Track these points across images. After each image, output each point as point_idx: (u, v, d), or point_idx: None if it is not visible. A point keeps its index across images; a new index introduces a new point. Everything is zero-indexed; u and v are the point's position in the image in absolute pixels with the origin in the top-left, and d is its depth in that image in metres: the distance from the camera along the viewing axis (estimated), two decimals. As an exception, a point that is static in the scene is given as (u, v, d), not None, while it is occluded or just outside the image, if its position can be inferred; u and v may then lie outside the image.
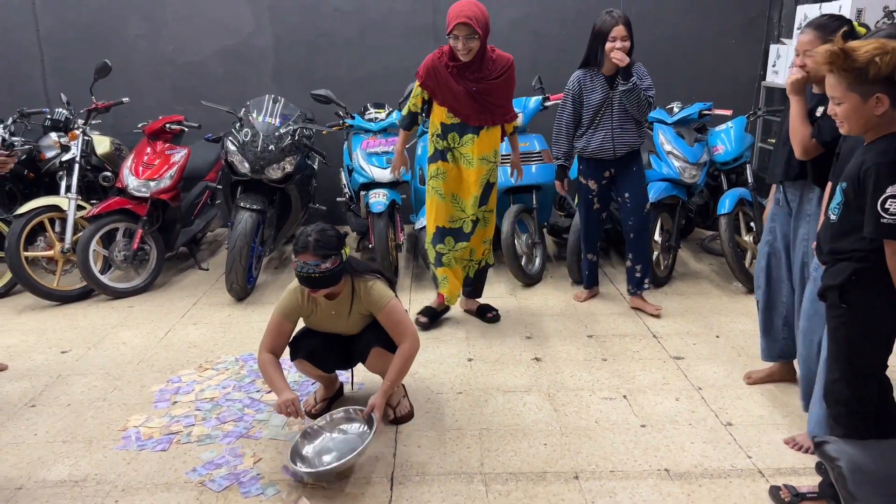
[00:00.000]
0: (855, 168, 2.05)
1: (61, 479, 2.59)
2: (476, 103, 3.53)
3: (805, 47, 2.66)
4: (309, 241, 2.57)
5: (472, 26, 3.32)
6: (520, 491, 2.48)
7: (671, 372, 3.38)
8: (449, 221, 3.75)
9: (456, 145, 3.63)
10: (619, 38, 3.68)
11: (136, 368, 3.50)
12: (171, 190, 4.61)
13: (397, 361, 2.71)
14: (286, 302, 2.78)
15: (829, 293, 2.17)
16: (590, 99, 3.87)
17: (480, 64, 3.48)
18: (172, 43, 5.86)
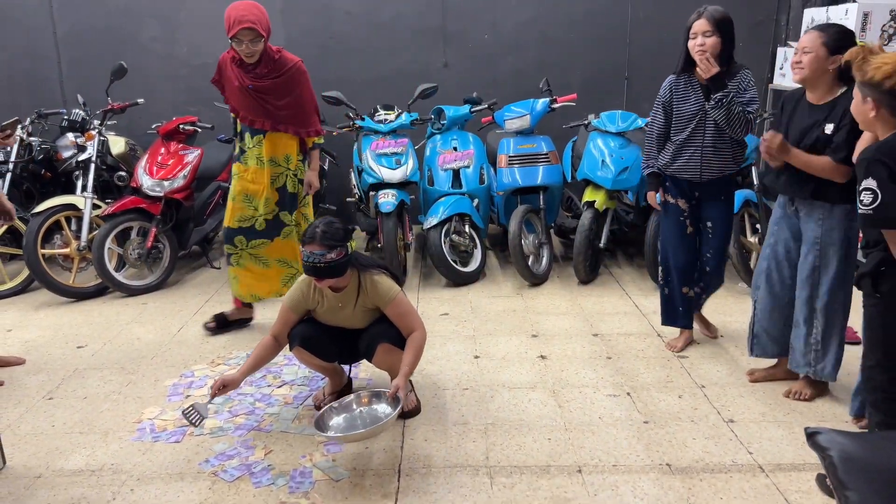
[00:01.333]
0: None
1: (78, 468, 2.67)
2: (253, 101, 3.52)
3: (805, 44, 2.75)
4: (316, 231, 2.67)
5: (257, 30, 3.33)
6: (524, 483, 2.54)
7: (675, 370, 3.43)
8: (237, 221, 3.71)
9: (251, 145, 3.64)
10: (701, 33, 3.17)
11: (150, 363, 3.58)
12: (185, 189, 4.70)
13: (411, 349, 2.80)
14: (293, 293, 2.89)
15: (864, 281, 2.27)
16: (681, 108, 3.37)
17: (259, 63, 3.47)
18: (186, 45, 5.96)
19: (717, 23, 3.13)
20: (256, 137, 3.63)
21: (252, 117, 3.58)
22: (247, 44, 3.36)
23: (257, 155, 3.64)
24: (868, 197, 2.08)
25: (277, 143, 3.65)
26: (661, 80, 6.15)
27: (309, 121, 3.72)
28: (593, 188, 4.66)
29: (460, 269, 4.66)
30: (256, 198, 3.68)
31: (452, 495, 2.48)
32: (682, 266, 3.56)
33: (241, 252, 3.77)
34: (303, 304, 2.89)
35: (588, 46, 5.99)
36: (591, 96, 5.70)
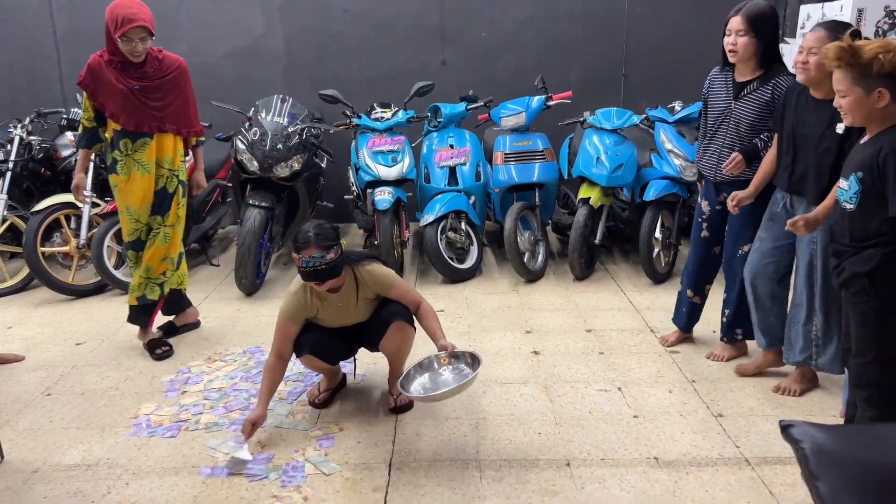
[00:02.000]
0: (869, 157, 2.18)
1: (75, 462, 2.72)
2: (137, 104, 3.37)
3: (812, 44, 2.73)
4: (309, 236, 2.68)
5: (148, 28, 3.25)
6: (512, 476, 2.57)
7: (666, 365, 3.46)
8: (128, 235, 3.59)
9: (129, 152, 3.44)
10: (734, 32, 3.07)
11: (147, 360, 3.62)
12: (183, 188, 4.73)
13: (430, 317, 2.92)
14: (290, 305, 2.85)
15: (857, 280, 2.26)
16: (713, 102, 3.29)
17: (144, 63, 3.37)
18: (185, 44, 5.98)
19: (752, 21, 3.01)
20: (140, 141, 3.44)
21: (137, 120, 3.40)
22: (137, 42, 3.25)
23: (140, 160, 3.46)
24: None
25: (163, 144, 3.51)
26: (658, 78, 6.21)
27: (193, 120, 3.62)
28: (588, 185, 4.69)
29: (457, 265, 4.69)
30: (139, 209, 3.53)
31: (442, 489, 2.51)
32: (689, 268, 3.57)
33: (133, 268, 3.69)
34: (302, 314, 2.88)
35: (585, 44, 6.01)
36: (588, 93, 5.72)
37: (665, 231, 4.63)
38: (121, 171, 3.48)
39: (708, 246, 3.47)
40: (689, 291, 3.60)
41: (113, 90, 3.35)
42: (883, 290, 2.22)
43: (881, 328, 2.26)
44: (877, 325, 2.26)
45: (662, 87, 5.92)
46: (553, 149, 5.01)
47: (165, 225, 3.62)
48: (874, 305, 2.25)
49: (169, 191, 3.58)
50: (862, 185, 2.20)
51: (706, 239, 3.47)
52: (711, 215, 3.41)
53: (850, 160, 2.32)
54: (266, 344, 3.76)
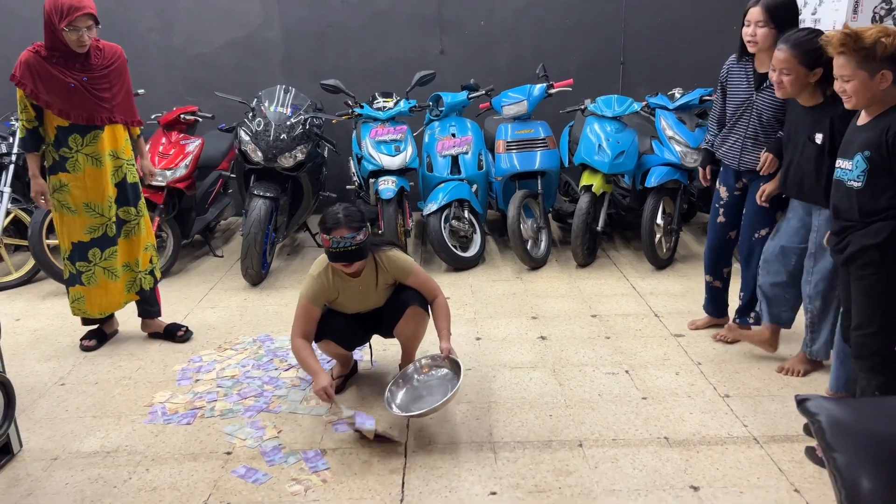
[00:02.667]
0: (876, 136, 2.27)
1: (94, 450, 2.75)
2: (86, 97, 3.27)
3: (781, 65, 2.78)
4: (339, 217, 2.73)
5: (95, 16, 3.17)
6: (527, 457, 2.63)
7: (672, 348, 3.52)
8: (87, 233, 3.44)
9: (80, 147, 3.33)
10: (754, 23, 3.07)
11: (158, 349, 3.66)
12: (187, 179, 4.76)
13: (443, 313, 2.95)
14: (313, 287, 2.87)
15: (867, 253, 2.33)
16: (733, 92, 3.31)
17: (88, 54, 3.27)
18: (184, 36, 6.00)
19: (771, 11, 3.01)
20: (90, 134, 3.33)
21: (89, 114, 3.29)
22: (84, 32, 3.15)
23: (92, 153, 3.35)
24: None
25: (115, 136, 3.42)
26: (656, 65, 6.25)
27: (135, 109, 3.54)
28: (590, 172, 4.73)
29: (460, 254, 4.73)
30: (100, 202, 3.42)
31: (458, 469, 2.56)
32: (707, 253, 3.62)
33: (95, 267, 3.50)
34: (324, 297, 2.91)
35: (584, 32, 6.04)
36: (587, 82, 5.75)
37: (666, 217, 4.68)
38: (71, 168, 3.35)
39: (724, 231, 3.51)
40: (708, 277, 3.65)
41: (60, 86, 3.22)
42: (891, 260, 2.30)
43: (885, 299, 2.34)
44: (882, 296, 2.35)
45: (660, 75, 5.97)
46: (554, 137, 5.05)
47: (140, 214, 3.61)
48: (882, 277, 2.33)
49: (129, 181, 3.52)
50: (870, 164, 2.28)
51: (722, 224, 3.50)
52: (729, 201, 3.44)
53: (852, 141, 2.38)
54: (275, 332, 3.81)
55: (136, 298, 3.70)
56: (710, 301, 3.71)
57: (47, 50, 3.23)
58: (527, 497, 2.41)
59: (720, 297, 3.68)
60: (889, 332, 2.38)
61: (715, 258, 3.60)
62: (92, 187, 3.42)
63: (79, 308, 3.58)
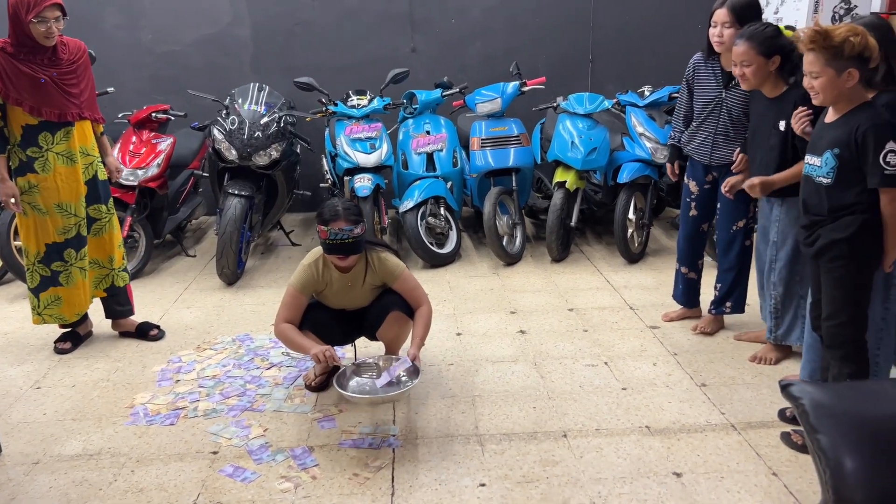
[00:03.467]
0: (845, 134, 2.33)
1: (76, 453, 2.71)
2: (55, 92, 3.20)
3: (741, 58, 2.89)
4: (338, 209, 2.77)
5: (63, 7, 3.12)
6: (513, 449, 2.67)
7: (648, 340, 3.60)
8: (60, 234, 3.37)
9: (50, 146, 3.26)
10: (721, 24, 3.15)
11: (135, 350, 3.61)
12: (159, 178, 4.70)
13: (421, 322, 2.92)
14: (303, 276, 2.90)
15: (836, 246, 2.40)
16: (701, 90, 3.39)
17: (54, 48, 3.20)
18: (151, 33, 5.91)
19: (737, 13, 3.09)
20: (62, 132, 3.28)
21: (60, 110, 3.23)
22: (52, 24, 3.08)
23: (63, 152, 3.29)
24: (893, 158, 2.24)
25: (84, 132, 3.38)
26: (624, 62, 6.36)
27: (97, 106, 3.48)
28: (563, 169, 4.80)
29: (437, 250, 4.76)
30: (72, 202, 3.36)
31: (447, 462, 2.59)
32: (680, 245, 3.70)
33: (71, 268, 3.44)
34: (312, 286, 2.93)
35: (553, 30, 6.11)
36: (557, 79, 5.82)
37: (638, 212, 4.77)
38: (40, 168, 3.27)
39: (696, 224, 3.60)
40: (683, 268, 3.73)
41: (30, 82, 3.15)
42: (858, 254, 2.39)
43: (855, 290, 2.43)
44: (852, 287, 2.43)
45: (628, 72, 6.08)
46: (527, 134, 5.10)
47: (111, 212, 3.57)
48: (851, 269, 2.41)
49: (100, 178, 3.49)
50: (839, 161, 2.35)
51: (694, 217, 3.59)
52: (700, 195, 3.52)
53: (820, 137, 2.45)
54: (254, 331, 3.80)
55: (102, 295, 3.65)
56: (684, 292, 3.79)
57: (13, 46, 3.16)
58: (515, 487, 2.45)
59: (694, 287, 3.77)
60: (859, 322, 2.47)
61: (689, 250, 3.68)
62: (65, 187, 3.36)
63: (51, 315, 3.51)
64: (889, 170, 2.25)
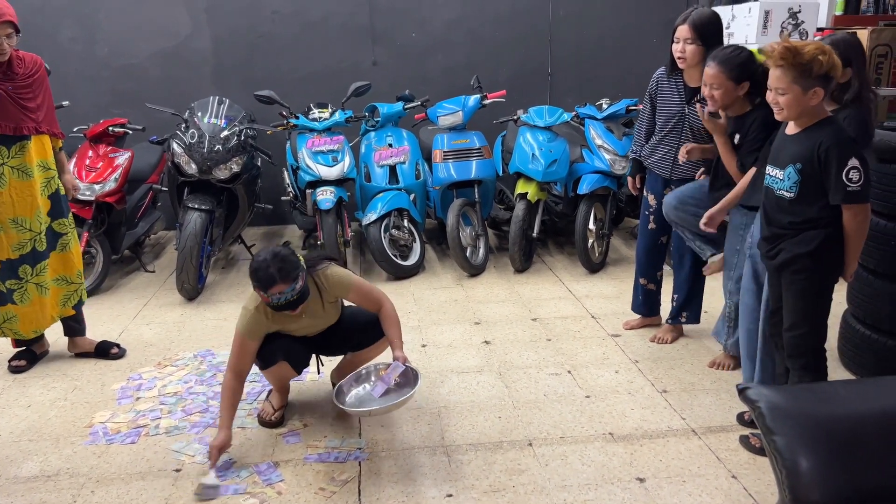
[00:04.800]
0: (808, 150, 2.36)
1: (33, 474, 2.65)
2: (11, 106, 3.17)
3: (711, 80, 2.95)
4: (272, 273, 2.56)
5: (16, 24, 3.10)
6: (479, 459, 2.68)
7: (610, 348, 3.65)
8: (15, 250, 3.31)
9: (5, 160, 3.21)
10: (682, 40, 3.20)
11: (93, 368, 3.54)
12: (117, 193, 4.62)
13: (391, 323, 2.87)
14: (250, 323, 2.73)
15: (799, 260, 2.45)
16: (663, 105, 3.44)
17: (9, 62, 3.18)
18: (108, 46, 5.83)
19: (698, 29, 3.15)
20: (17, 146, 3.23)
21: (16, 123, 3.19)
22: (3, 40, 3.07)
23: (18, 166, 3.24)
24: (856, 174, 2.29)
25: (42, 146, 3.34)
26: (582, 76, 6.46)
27: (56, 121, 3.44)
28: (525, 181, 4.85)
29: (401, 262, 4.77)
30: (27, 217, 3.30)
31: (413, 474, 2.60)
32: (640, 257, 3.76)
33: (26, 284, 3.36)
34: (262, 331, 2.77)
35: (513, 44, 6.19)
36: (517, 92, 5.89)
37: (598, 223, 4.85)
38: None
39: (655, 236, 3.66)
40: (642, 280, 3.79)
41: None
42: (821, 267, 2.44)
43: (817, 301, 2.49)
44: (813, 298, 2.49)
45: (586, 85, 6.20)
46: (488, 146, 5.15)
47: (71, 226, 3.52)
48: (813, 282, 2.46)
49: (61, 192, 3.44)
50: (801, 176, 2.38)
51: (653, 230, 3.64)
52: (658, 208, 3.54)
53: (782, 151, 2.48)
54: (216, 347, 3.75)
55: (71, 313, 3.58)
56: (643, 302, 3.86)
57: None
58: (482, 497, 2.47)
59: (653, 298, 3.85)
60: (820, 332, 2.53)
61: (648, 262, 3.75)
62: (19, 201, 3.28)
63: (10, 329, 3.42)
64: (851, 186, 2.29)
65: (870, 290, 3.15)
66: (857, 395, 1.84)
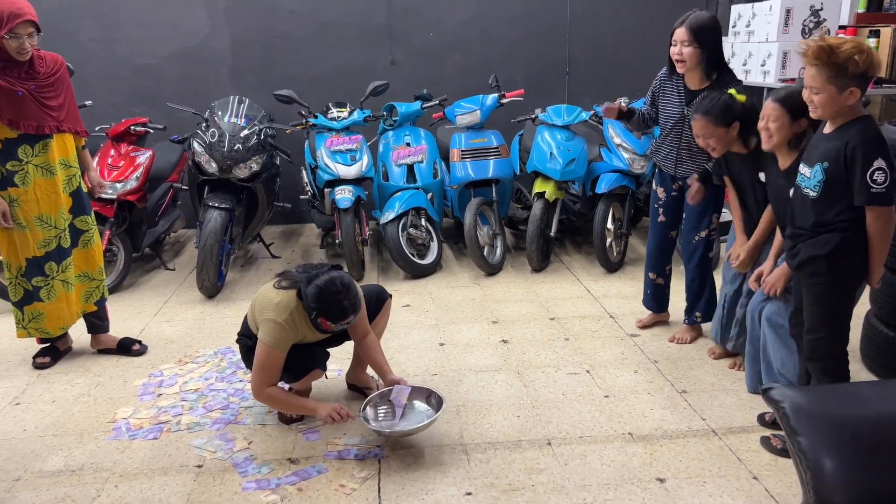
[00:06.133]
0: (836, 149, 2.33)
1: (58, 469, 2.68)
2: (33, 106, 3.21)
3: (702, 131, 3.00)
4: (346, 306, 2.60)
5: (36, 23, 3.14)
6: (498, 458, 2.69)
7: (629, 348, 3.64)
8: (40, 247, 3.36)
9: (30, 158, 3.26)
10: (680, 42, 3.23)
11: (116, 365, 3.58)
12: (138, 191, 4.67)
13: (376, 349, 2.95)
14: (281, 335, 2.68)
15: (814, 262, 2.43)
16: (665, 106, 3.49)
17: (30, 62, 3.22)
18: (128, 46, 5.88)
19: (695, 32, 3.17)
20: (39, 145, 3.27)
21: (38, 122, 3.23)
22: (25, 39, 3.09)
23: (42, 164, 3.29)
24: (881, 176, 2.25)
25: (64, 144, 3.38)
26: (599, 74, 6.45)
27: (80, 119, 3.48)
28: (543, 180, 4.85)
29: (418, 261, 4.78)
30: (52, 214, 3.35)
31: (433, 472, 2.61)
32: (650, 251, 3.77)
33: (52, 281, 3.42)
34: (290, 342, 2.74)
35: (529, 43, 6.18)
36: (533, 91, 5.88)
37: (616, 222, 4.84)
38: (20, 182, 3.25)
39: (665, 230, 3.67)
40: (651, 274, 3.80)
41: (7, 95, 3.15)
42: (837, 271, 2.41)
43: (835, 306, 2.47)
44: (831, 303, 2.46)
45: (604, 84, 6.17)
46: (506, 145, 5.15)
47: (93, 223, 3.57)
48: (830, 286, 2.44)
49: (83, 189, 3.50)
50: (827, 175, 2.35)
51: (663, 224, 3.66)
52: (667, 201, 3.61)
53: (815, 149, 2.45)
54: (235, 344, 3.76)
55: (93, 309, 3.63)
56: (652, 297, 3.86)
57: None
58: (501, 496, 2.47)
59: (662, 292, 3.85)
60: (839, 336, 2.50)
61: (657, 256, 3.75)
62: (44, 199, 3.34)
63: (36, 328, 3.47)
64: (875, 188, 2.25)
65: (892, 290, 3.12)
66: (882, 396, 1.82)
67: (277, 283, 2.75)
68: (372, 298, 3.04)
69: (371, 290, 3.07)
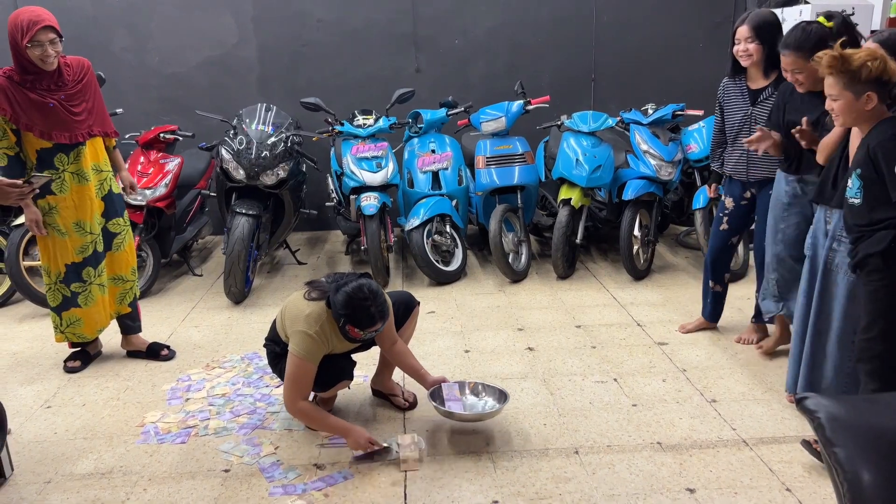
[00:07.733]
0: (862, 154, 2.37)
1: (88, 472, 2.71)
2: (64, 115, 3.25)
3: (791, 66, 2.91)
4: (373, 313, 2.59)
5: (57, 29, 3.14)
6: (525, 466, 2.67)
7: (657, 356, 3.60)
8: (78, 253, 3.42)
9: (65, 166, 3.32)
10: (743, 39, 3.29)
11: (144, 369, 3.62)
12: (167, 198, 4.72)
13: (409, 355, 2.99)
14: (312, 347, 2.67)
15: (871, 259, 2.40)
16: (730, 111, 3.52)
17: (58, 71, 3.24)
18: (158, 55, 5.97)
19: (757, 29, 3.24)
20: (74, 153, 3.32)
21: (70, 132, 3.28)
22: (47, 46, 3.11)
23: (76, 171, 3.34)
24: None
25: (95, 149, 3.43)
26: (625, 81, 6.42)
27: (109, 120, 3.52)
28: (568, 186, 4.82)
29: (443, 268, 4.78)
30: (87, 220, 3.41)
31: (459, 480, 2.59)
32: (709, 260, 3.75)
33: (90, 286, 3.48)
34: (322, 353, 2.74)
35: (555, 50, 6.17)
36: (559, 97, 5.87)
37: (643, 229, 4.79)
38: (58, 189, 3.31)
39: (726, 237, 3.67)
40: (710, 282, 3.78)
41: (38, 108, 3.20)
42: (893, 267, 2.37)
43: (889, 305, 2.41)
44: (886, 301, 2.41)
45: (630, 90, 6.14)
46: (531, 152, 5.14)
47: (127, 224, 3.63)
48: (886, 283, 2.39)
49: (115, 191, 3.55)
50: (862, 181, 2.37)
51: (725, 231, 3.65)
52: (734, 211, 3.59)
53: (852, 159, 2.47)
54: (262, 350, 3.78)
55: (127, 311, 3.68)
56: (712, 305, 3.83)
57: (19, 74, 3.21)
58: (529, 504, 2.45)
59: (720, 301, 3.82)
60: (891, 338, 2.44)
61: (717, 264, 3.74)
62: (80, 205, 3.41)
63: (74, 333, 3.54)
64: None
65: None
66: (921, 407, 1.78)
67: (307, 293, 2.76)
68: (400, 306, 3.04)
69: (399, 296, 3.07)
